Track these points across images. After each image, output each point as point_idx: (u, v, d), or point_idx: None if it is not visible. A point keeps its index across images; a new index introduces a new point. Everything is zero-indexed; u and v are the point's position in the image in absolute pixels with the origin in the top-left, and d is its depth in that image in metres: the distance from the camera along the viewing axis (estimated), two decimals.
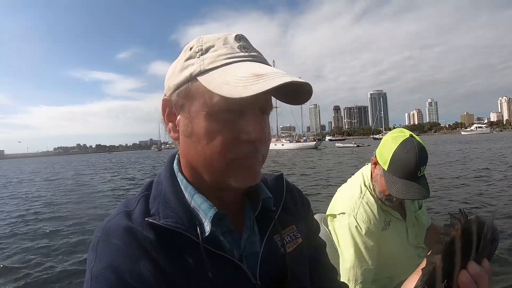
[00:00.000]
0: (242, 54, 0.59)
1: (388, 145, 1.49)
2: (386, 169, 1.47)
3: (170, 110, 0.66)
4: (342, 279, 1.38)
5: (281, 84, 0.51)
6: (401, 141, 1.45)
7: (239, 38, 0.62)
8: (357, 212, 1.47)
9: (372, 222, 1.45)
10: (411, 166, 1.40)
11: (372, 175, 1.59)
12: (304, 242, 0.78)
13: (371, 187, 1.58)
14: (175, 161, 0.72)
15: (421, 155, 1.40)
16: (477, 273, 0.61)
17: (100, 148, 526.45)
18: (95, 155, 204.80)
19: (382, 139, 1.58)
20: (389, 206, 1.54)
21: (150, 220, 0.60)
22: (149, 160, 49.22)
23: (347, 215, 1.49)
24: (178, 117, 0.64)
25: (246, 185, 0.63)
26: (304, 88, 0.59)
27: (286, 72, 0.56)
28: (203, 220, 0.63)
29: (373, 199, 1.52)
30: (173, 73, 0.64)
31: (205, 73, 0.58)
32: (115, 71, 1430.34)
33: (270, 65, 0.61)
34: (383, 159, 1.50)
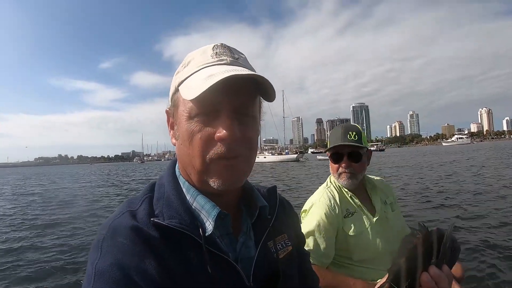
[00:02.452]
0: (211, 60, 0.67)
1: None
2: (327, 150, 1.90)
3: (171, 120, 0.73)
4: None
5: (223, 79, 0.57)
6: (331, 130, 1.96)
7: (216, 47, 0.69)
8: (320, 198, 1.76)
9: (333, 206, 1.71)
10: (338, 133, 1.80)
11: (331, 171, 1.88)
12: (294, 250, 0.84)
13: (334, 182, 1.85)
14: (177, 165, 0.77)
15: (346, 125, 1.83)
16: (437, 275, 0.71)
17: (82, 160, 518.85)
18: (77, 166, 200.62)
19: None
20: (355, 195, 1.79)
21: (155, 220, 0.63)
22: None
23: (314, 203, 1.76)
24: (174, 125, 0.72)
25: (226, 187, 0.65)
26: (261, 81, 0.64)
27: (248, 70, 0.63)
28: (204, 221, 0.67)
29: (335, 190, 1.80)
30: (171, 87, 0.73)
31: (182, 83, 0.67)
32: (97, 81, 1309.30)
33: (239, 65, 0.68)
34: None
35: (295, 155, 62.73)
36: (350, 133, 1.75)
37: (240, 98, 0.65)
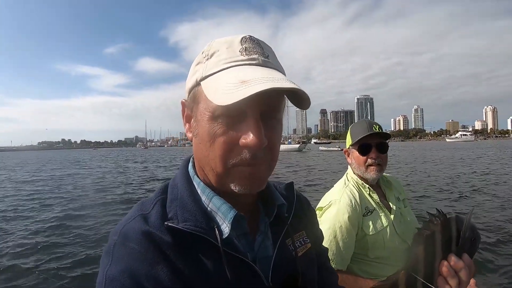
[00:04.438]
0: (240, 58, 0.61)
1: (347, 134, 1.93)
2: (352, 143, 1.84)
3: (187, 112, 0.69)
4: None
5: (261, 91, 0.52)
6: (352, 125, 1.95)
7: (244, 40, 0.64)
8: (341, 197, 1.71)
9: (354, 205, 1.67)
10: (363, 125, 1.81)
11: (351, 166, 1.88)
12: (312, 247, 0.82)
13: (352, 178, 1.83)
14: (190, 164, 0.74)
15: (369, 120, 1.85)
16: (457, 264, 0.68)
17: (85, 144, 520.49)
18: (80, 150, 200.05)
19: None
20: (372, 188, 1.80)
21: (169, 223, 0.61)
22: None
23: (333, 202, 1.72)
24: (192, 119, 0.68)
25: (248, 192, 0.63)
26: (299, 92, 0.59)
27: (283, 76, 0.59)
28: (220, 223, 0.64)
29: (355, 189, 1.77)
30: (189, 77, 0.68)
31: (205, 78, 0.61)
32: (102, 66, 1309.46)
33: (271, 66, 0.63)
34: (348, 142, 1.90)
35: (298, 145, 63.19)
36: (375, 125, 1.78)
37: (269, 102, 0.60)
